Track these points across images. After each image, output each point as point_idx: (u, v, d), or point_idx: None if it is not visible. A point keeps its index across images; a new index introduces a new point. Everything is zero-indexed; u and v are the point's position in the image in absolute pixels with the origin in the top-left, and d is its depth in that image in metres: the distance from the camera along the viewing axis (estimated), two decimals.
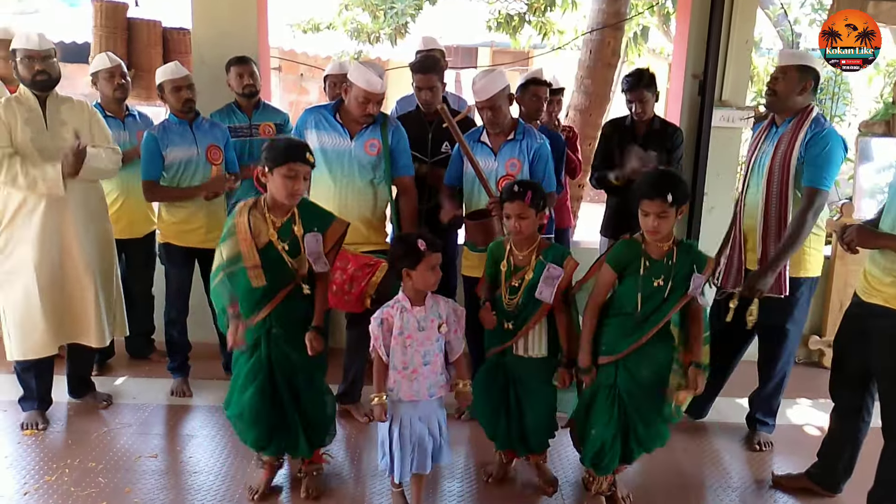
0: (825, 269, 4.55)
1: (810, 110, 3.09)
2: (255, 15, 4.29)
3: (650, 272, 2.61)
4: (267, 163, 2.57)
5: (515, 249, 2.79)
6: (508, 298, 2.79)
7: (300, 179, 2.58)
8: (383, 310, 2.60)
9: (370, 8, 8.99)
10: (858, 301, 2.74)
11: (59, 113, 3.23)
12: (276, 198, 2.61)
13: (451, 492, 2.97)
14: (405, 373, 2.58)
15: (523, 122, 3.38)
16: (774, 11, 7.86)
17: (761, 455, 3.38)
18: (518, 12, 8.35)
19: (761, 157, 3.17)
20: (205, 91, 3.83)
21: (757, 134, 3.30)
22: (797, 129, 3.05)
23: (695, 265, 2.61)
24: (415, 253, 2.51)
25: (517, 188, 2.69)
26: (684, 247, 2.64)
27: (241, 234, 2.61)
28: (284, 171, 2.54)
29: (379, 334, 2.57)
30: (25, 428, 3.35)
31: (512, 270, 2.79)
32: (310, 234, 2.66)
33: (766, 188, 3.10)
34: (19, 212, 3.18)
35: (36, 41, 3.15)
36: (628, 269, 2.64)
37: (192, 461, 3.16)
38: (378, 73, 3.14)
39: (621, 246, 2.68)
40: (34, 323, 3.24)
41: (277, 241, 2.62)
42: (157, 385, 3.88)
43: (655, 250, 2.61)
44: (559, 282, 2.70)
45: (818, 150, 2.98)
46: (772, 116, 3.22)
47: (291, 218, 2.66)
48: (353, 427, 3.49)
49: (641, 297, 2.61)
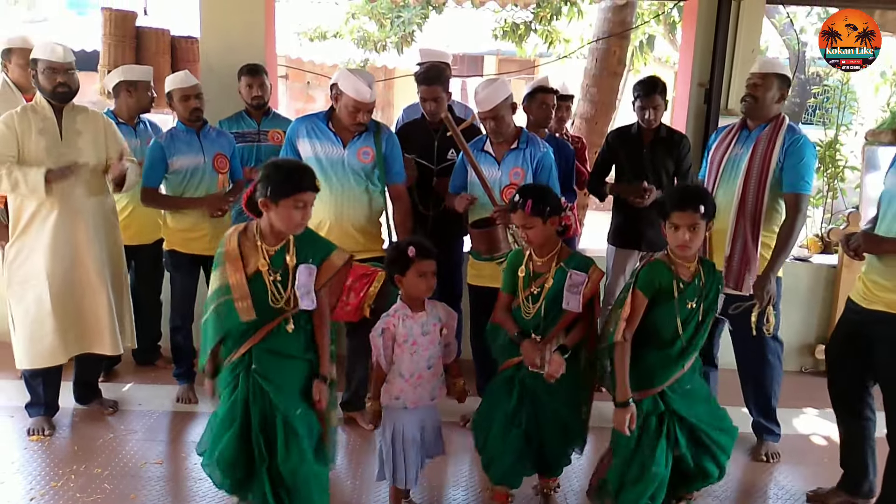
0: (830, 277, 4.55)
1: (783, 118, 3.17)
2: (262, 24, 4.32)
3: (684, 295, 2.49)
4: (270, 193, 2.29)
5: (535, 255, 2.67)
6: (527, 307, 2.65)
7: (308, 208, 2.36)
8: (384, 320, 2.58)
9: (377, 16, 9.04)
10: (857, 308, 2.74)
11: (74, 123, 3.25)
12: (279, 228, 2.36)
13: (455, 499, 2.96)
14: (411, 380, 2.59)
15: (527, 131, 3.39)
16: (780, 20, 7.85)
17: (767, 465, 3.36)
18: (524, 21, 8.38)
19: (734, 159, 3.20)
20: (213, 99, 3.86)
21: (724, 136, 3.31)
22: (774, 134, 3.11)
23: (719, 286, 2.57)
24: (403, 259, 2.51)
25: (518, 198, 2.61)
26: (707, 265, 2.56)
27: (233, 264, 2.36)
28: (292, 202, 2.30)
29: (380, 344, 2.56)
30: (32, 434, 3.36)
31: (531, 277, 2.66)
32: (304, 265, 2.40)
33: (741, 190, 3.13)
34: (32, 221, 3.20)
35: (61, 53, 3.16)
36: (662, 295, 2.49)
37: (198, 468, 3.13)
38: (367, 82, 3.12)
39: (650, 270, 2.52)
40: (45, 331, 3.25)
41: (268, 272, 2.37)
42: (162, 391, 3.89)
43: (685, 272, 2.50)
44: (584, 289, 2.57)
45: (798, 157, 3.07)
46: (741, 121, 3.27)
47: (285, 246, 2.40)
48: (358, 435, 3.49)
49: (681, 323, 2.49)
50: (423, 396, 2.61)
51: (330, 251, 2.47)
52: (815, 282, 4.57)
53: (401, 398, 2.59)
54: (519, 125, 3.40)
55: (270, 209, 2.33)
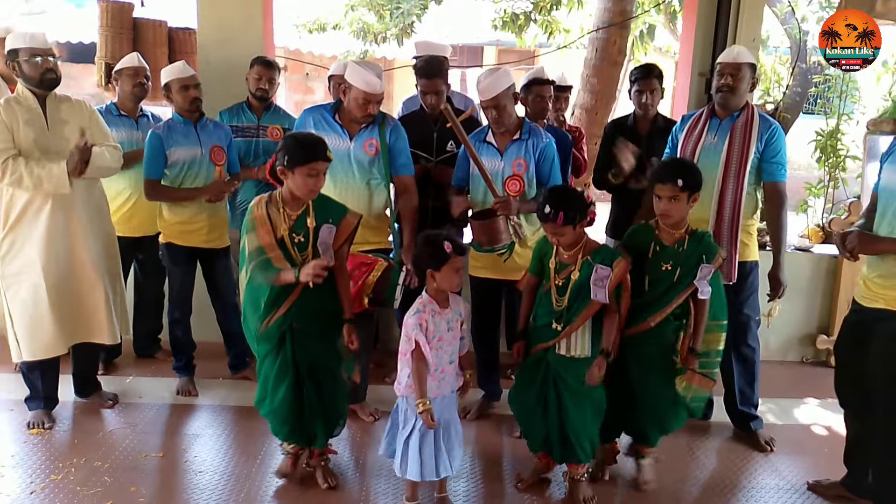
0: (832, 267, 4.54)
1: (752, 107, 3.22)
2: (260, 15, 4.30)
3: (659, 257, 2.73)
4: (287, 161, 2.60)
5: (562, 249, 2.74)
6: (557, 298, 2.74)
7: (321, 176, 2.65)
8: (418, 314, 2.57)
9: (376, 8, 9.01)
10: (859, 307, 2.73)
11: (59, 112, 3.23)
12: (297, 194, 2.66)
13: (457, 491, 2.96)
14: (435, 374, 2.62)
15: (529, 121, 3.37)
16: (782, 9, 7.80)
17: (767, 455, 3.35)
18: (524, 11, 8.35)
19: (709, 149, 3.22)
20: (210, 91, 3.83)
21: (692, 124, 3.30)
22: (748, 124, 3.16)
23: (704, 255, 2.70)
24: (441, 255, 2.52)
25: (548, 210, 2.60)
26: (697, 236, 2.74)
27: (264, 227, 2.67)
28: (306, 170, 2.60)
29: (423, 339, 2.55)
30: (31, 427, 3.36)
31: (557, 268, 2.75)
32: (325, 225, 2.72)
33: (721, 181, 3.16)
34: (25, 212, 3.18)
35: (41, 39, 3.14)
36: (639, 253, 2.75)
37: (198, 460, 3.17)
38: (376, 73, 3.12)
39: (634, 230, 2.86)
40: (43, 323, 3.25)
41: (289, 236, 2.68)
42: (162, 384, 3.89)
43: (667, 237, 2.74)
44: (608, 281, 2.65)
45: (777, 147, 3.16)
46: (709, 109, 3.30)
47: (306, 211, 2.71)
48: (358, 427, 3.48)
49: (649, 280, 2.72)
50: (444, 389, 2.65)
51: (345, 212, 2.81)
52: (815, 272, 4.56)
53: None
54: (521, 116, 3.38)
55: (288, 176, 2.63)
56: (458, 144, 3.48)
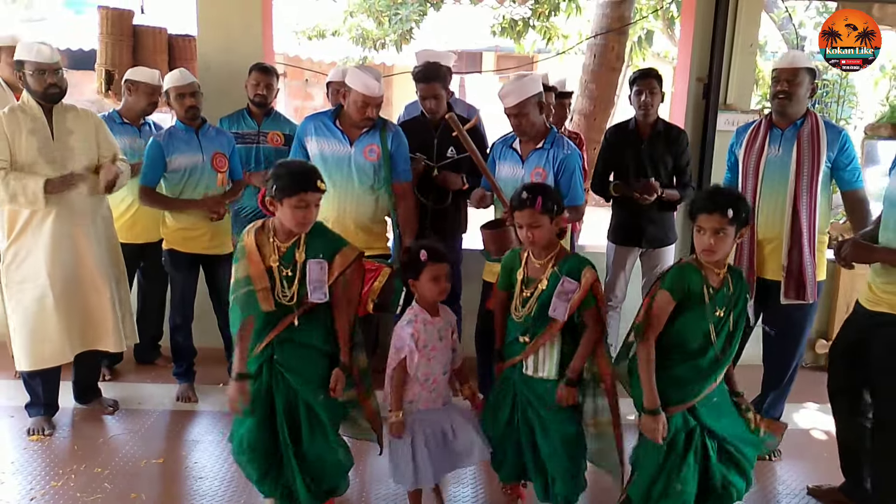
0: (832, 271, 4.54)
1: (815, 114, 3.08)
2: (260, 22, 4.31)
3: (714, 302, 2.34)
4: (275, 192, 2.39)
5: (533, 258, 2.56)
6: (519, 309, 2.56)
7: (312, 208, 2.42)
8: (411, 324, 2.54)
9: (375, 14, 9.05)
10: (862, 311, 2.72)
11: (65, 122, 3.23)
12: (287, 226, 2.45)
13: (459, 497, 2.96)
14: (427, 384, 2.58)
15: (556, 131, 3.26)
16: (779, 15, 7.84)
17: (769, 462, 3.35)
18: (522, 17, 8.39)
19: (775, 162, 3.07)
20: (210, 98, 3.84)
21: (751, 138, 3.16)
22: (815, 132, 3.00)
23: (746, 294, 2.44)
24: (416, 263, 2.50)
25: (525, 195, 2.47)
26: (736, 273, 2.43)
27: (251, 257, 2.45)
28: (295, 202, 2.38)
29: (415, 350, 2.51)
30: (32, 434, 3.35)
31: (525, 281, 2.56)
32: (314, 260, 2.47)
33: (793, 195, 3.02)
34: (30, 221, 3.19)
35: (47, 53, 3.13)
36: (691, 299, 2.34)
37: (198, 466, 3.17)
38: (375, 77, 3.13)
39: (679, 272, 2.38)
40: (47, 332, 3.25)
41: (278, 268, 2.46)
42: (162, 390, 3.89)
43: (714, 278, 2.35)
44: (573, 297, 2.44)
45: (851, 153, 3.04)
46: (767, 120, 3.15)
47: (296, 243, 2.49)
48: None
49: (714, 331, 2.35)
50: (436, 400, 2.61)
51: (340, 247, 2.55)
52: None
53: (415, 402, 2.58)
54: (549, 124, 3.29)
55: (276, 208, 2.43)
56: (458, 150, 3.49)
